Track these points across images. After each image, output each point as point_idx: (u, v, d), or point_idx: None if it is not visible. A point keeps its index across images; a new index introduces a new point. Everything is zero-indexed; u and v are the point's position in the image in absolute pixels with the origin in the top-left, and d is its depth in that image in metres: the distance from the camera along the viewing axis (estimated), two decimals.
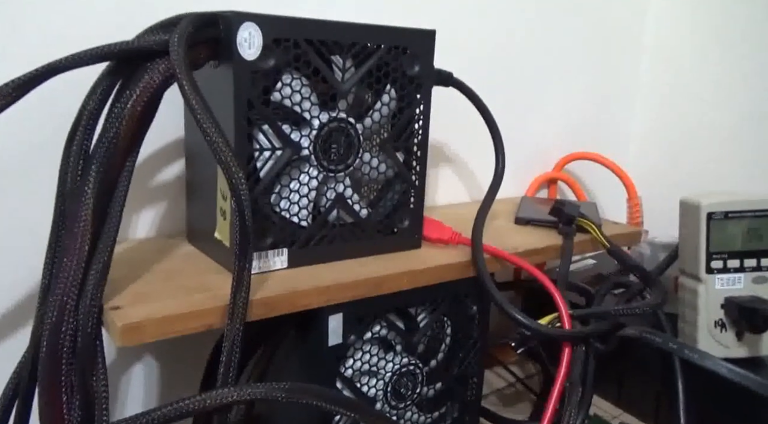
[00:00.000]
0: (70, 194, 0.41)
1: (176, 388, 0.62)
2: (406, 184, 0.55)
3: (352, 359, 0.51)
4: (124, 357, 0.59)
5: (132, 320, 0.38)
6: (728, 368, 0.39)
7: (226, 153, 0.39)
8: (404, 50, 0.51)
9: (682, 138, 0.94)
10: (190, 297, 0.42)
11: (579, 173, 0.94)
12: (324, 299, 0.47)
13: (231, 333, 0.41)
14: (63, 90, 0.47)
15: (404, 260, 0.53)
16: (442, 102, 0.70)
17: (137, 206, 0.56)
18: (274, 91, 0.46)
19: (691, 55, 0.92)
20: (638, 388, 0.65)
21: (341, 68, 0.48)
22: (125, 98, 0.40)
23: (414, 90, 0.53)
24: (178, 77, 0.39)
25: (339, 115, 0.49)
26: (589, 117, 0.94)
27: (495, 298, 0.52)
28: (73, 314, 0.38)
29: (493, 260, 0.56)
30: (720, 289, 0.56)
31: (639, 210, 0.83)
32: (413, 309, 0.54)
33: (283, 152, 0.47)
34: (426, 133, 0.54)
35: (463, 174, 0.81)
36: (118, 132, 0.40)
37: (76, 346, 0.38)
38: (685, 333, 0.58)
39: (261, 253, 0.48)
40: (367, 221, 0.53)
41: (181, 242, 0.55)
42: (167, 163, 0.57)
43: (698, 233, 0.55)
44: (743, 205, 0.55)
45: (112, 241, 0.40)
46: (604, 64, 0.93)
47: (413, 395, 0.56)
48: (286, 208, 0.49)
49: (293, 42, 0.45)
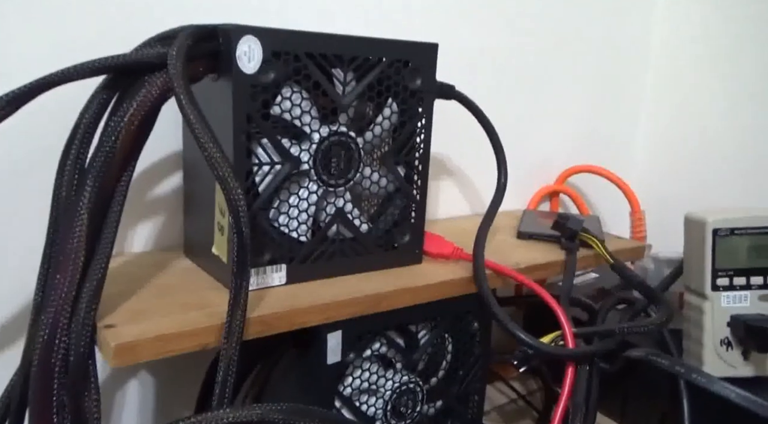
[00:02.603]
0: (65, 209, 0.40)
1: (173, 407, 0.61)
2: (407, 198, 0.54)
3: (351, 377, 0.50)
4: (119, 375, 0.58)
5: (125, 340, 0.37)
6: (737, 393, 0.38)
7: (224, 168, 0.38)
8: (406, 64, 0.50)
9: (687, 152, 0.94)
10: (186, 315, 0.41)
11: (581, 186, 0.93)
12: (323, 316, 0.46)
13: (227, 353, 0.40)
14: (59, 104, 0.47)
15: (405, 275, 0.52)
16: (444, 115, 0.69)
17: (134, 219, 0.55)
18: (273, 104, 0.45)
19: (697, 69, 0.91)
20: (643, 407, 0.64)
21: (342, 82, 0.48)
22: (122, 112, 0.39)
23: (416, 103, 0.52)
24: (176, 91, 0.38)
25: (339, 129, 0.48)
26: (593, 129, 0.93)
27: (497, 315, 0.51)
28: (66, 332, 0.37)
29: (495, 276, 0.55)
30: (726, 306, 0.55)
31: (642, 224, 0.82)
32: (414, 326, 0.53)
33: (283, 167, 0.46)
34: (428, 147, 0.54)
35: (465, 187, 0.80)
36: (114, 146, 0.39)
37: (68, 365, 0.38)
38: (690, 351, 0.57)
39: (259, 269, 0.47)
40: (368, 236, 0.52)
41: (179, 256, 0.54)
42: (165, 176, 0.56)
43: (704, 249, 0.54)
44: (750, 221, 0.54)
45: (107, 257, 0.39)
46: (609, 77, 0.92)
47: (413, 413, 0.55)
48: (285, 224, 0.48)
49: (293, 55, 0.44)
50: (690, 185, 0.94)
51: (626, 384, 0.65)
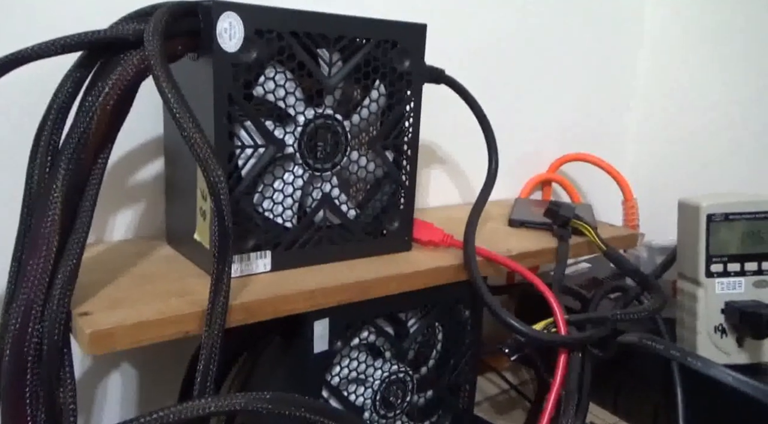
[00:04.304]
0: (38, 192, 0.38)
1: (157, 399, 0.59)
2: (395, 184, 0.53)
3: (338, 366, 0.49)
4: (101, 367, 0.56)
5: (101, 327, 0.36)
6: (735, 377, 0.37)
7: (204, 149, 0.37)
8: (394, 45, 0.49)
9: (679, 139, 0.93)
10: (166, 302, 0.40)
11: (574, 175, 0.92)
12: (309, 304, 0.44)
13: (209, 340, 0.38)
14: (32, 82, 0.45)
15: (393, 263, 0.51)
16: (435, 100, 0.68)
17: (115, 206, 0.54)
18: (256, 85, 0.43)
19: (689, 55, 0.91)
20: (636, 397, 0.63)
21: (328, 62, 0.46)
22: (97, 91, 0.38)
23: (404, 86, 0.51)
24: (153, 70, 0.36)
25: (325, 112, 0.46)
26: (585, 117, 0.92)
27: (488, 302, 0.50)
28: (39, 320, 0.36)
29: (486, 263, 0.54)
30: (720, 293, 0.54)
31: (635, 212, 0.82)
32: (403, 314, 0.52)
33: (266, 150, 0.45)
34: (416, 132, 0.52)
35: (456, 175, 0.79)
36: (88, 127, 0.37)
37: (42, 355, 0.36)
38: (684, 339, 0.56)
39: (243, 255, 0.45)
40: (355, 222, 0.51)
41: (161, 244, 0.53)
42: (146, 162, 0.55)
43: (697, 235, 0.54)
44: (744, 206, 0.54)
45: (82, 242, 0.38)
46: (601, 64, 0.91)
47: (403, 403, 0.53)
48: (270, 209, 0.46)
49: (277, 34, 0.43)
50: (683, 173, 0.93)
51: (619, 374, 0.65)
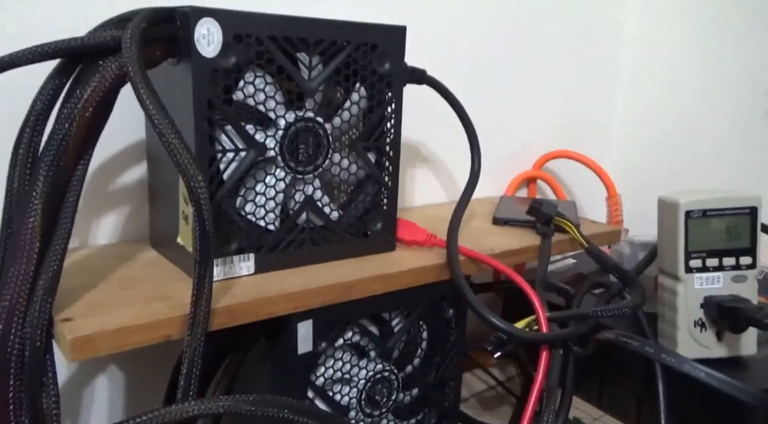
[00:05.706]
0: (18, 200, 0.38)
1: (148, 401, 0.60)
2: (378, 185, 0.53)
3: (323, 366, 0.49)
4: (88, 373, 0.56)
5: (83, 333, 0.36)
6: (707, 372, 0.38)
7: (184, 155, 0.37)
8: (373, 47, 0.49)
9: (663, 137, 0.94)
10: (148, 307, 0.40)
11: (559, 172, 0.93)
12: (292, 305, 0.45)
13: (192, 344, 0.39)
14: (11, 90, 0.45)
15: (377, 263, 0.52)
16: (418, 100, 0.68)
17: (99, 211, 0.54)
18: (236, 89, 0.44)
19: (673, 53, 0.91)
20: (620, 390, 0.64)
21: (308, 66, 0.47)
22: (75, 98, 0.38)
23: (385, 88, 0.51)
24: (131, 76, 0.37)
25: (306, 115, 0.47)
26: (570, 115, 0.93)
27: (469, 301, 0.50)
28: (21, 326, 0.36)
29: (469, 262, 0.55)
30: (699, 288, 0.55)
31: (619, 209, 0.82)
32: (387, 314, 0.53)
33: (248, 153, 0.45)
34: (398, 133, 0.53)
35: (441, 174, 0.79)
36: (68, 134, 0.37)
37: (24, 361, 0.36)
38: (665, 333, 0.57)
39: (226, 258, 0.46)
40: (338, 223, 0.51)
41: (145, 248, 0.53)
42: (130, 166, 0.55)
43: (677, 231, 0.54)
44: (721, 202, 0.54)
45: (63, 247, 0.38)
46: (585, 61, 0.92)
47: (389, 402, 0.54)
48: (253, 212, 0.47)
49: (255, 38, 0.43)
50: (667, 170, 0.94)
51: (603, 368, 0.65)
